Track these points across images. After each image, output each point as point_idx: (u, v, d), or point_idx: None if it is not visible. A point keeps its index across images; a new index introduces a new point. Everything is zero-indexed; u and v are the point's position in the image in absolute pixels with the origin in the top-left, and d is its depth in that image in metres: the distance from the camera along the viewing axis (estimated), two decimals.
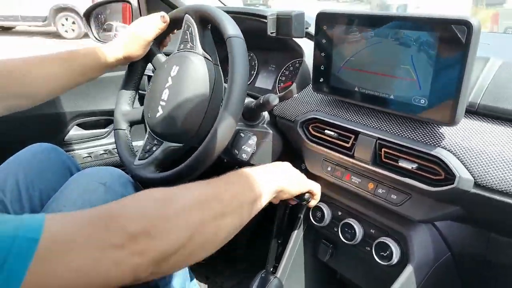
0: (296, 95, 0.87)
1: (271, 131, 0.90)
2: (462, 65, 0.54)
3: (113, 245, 0.40)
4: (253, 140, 0.84)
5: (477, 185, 0.57)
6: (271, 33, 0.83)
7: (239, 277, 1.34)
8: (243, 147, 0.84)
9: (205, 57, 0.81)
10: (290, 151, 0.92)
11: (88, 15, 1.55)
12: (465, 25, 0.53)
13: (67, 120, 1.25)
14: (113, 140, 1.38)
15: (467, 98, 0.59)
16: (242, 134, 0.86)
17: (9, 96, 0.74)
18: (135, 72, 0.97)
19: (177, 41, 0.87)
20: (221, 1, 1.24)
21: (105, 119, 1.35)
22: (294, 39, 0.90)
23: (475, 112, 0.61)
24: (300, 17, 0.78)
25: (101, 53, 0.85)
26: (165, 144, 0.83)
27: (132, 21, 1.46)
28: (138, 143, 1.21)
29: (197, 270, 1.22)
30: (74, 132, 1.28)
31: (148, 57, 0.94)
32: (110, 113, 1.34)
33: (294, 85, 0.87)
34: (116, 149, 1.30)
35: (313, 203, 0.78)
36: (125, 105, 0.96)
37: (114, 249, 0.40)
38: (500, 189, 0.55)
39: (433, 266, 0.71)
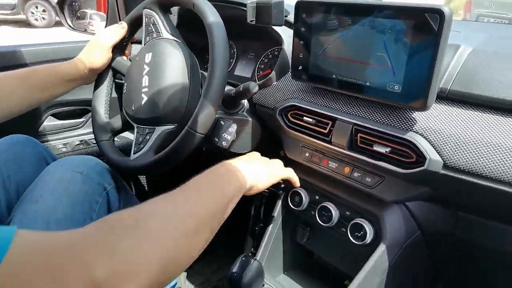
0: (275, 82, 0.89)
1: (250, 119, 0.91)
2: (434, 52, 0.57)
3: None
4: (233, 128, 0.85)
5: (446, 166, 0.61)
6: (251, 21, 0.84)
7: (219, 262, 1.35)
8: (223, 135, 0.85)
9: (174, 40, 0.84)
10: (269, 138, 0.94)
11: (61, 3, 1.52)
12: (438, 13, 0.56)
13: (41, 111, 1.22)
14: (88, 130, 1.37)
15: (438, 84, 0.62)
16: (222, 122, 0.87)
17: None
18: (103, 81, 0.97)
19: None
20: None
21: (80, 109, 1.33)
22: (273, 27, 0.92)
23: (445, 97, 0.65)
24: (280, 5, 0.79)
25: (63, 68, 0.87)
26: (158, 129, 0.83)
27: (108, 8, 1.43)
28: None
29: None
30: (49, 122, 1.25)
31: (113, 64, 0.97)
32: (86, 102, 1.32)
33: (273, 73, 0.89)
34: (92, 140, 1.29)
35: (295, 184, 0.81)
36: (101, 117, 0.96)
37: None
38: (467, 170, 0.59)
39: (404, 244, 0.75)
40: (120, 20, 1.42)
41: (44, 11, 7.81)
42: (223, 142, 0.86)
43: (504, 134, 0.57)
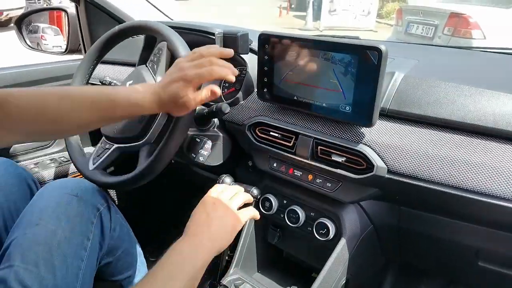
0: (242, 102, 0.99)
1: (221, 134, 1.01)
2: (375, 80, 0.71)
3: None
4: (208, 144, 0.95)
5: (389, 171, 0.75)
6: None
7: None
8: (200, 151, 0.95)
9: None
10: (238, 150, 1.04)
11: (19, 22, 1.52)
12: (376, 51, 0.69)
13: None
14: (57, 148, 1.39)
15: (380, 104, 0.76)
16: (197, 140, 0.96)
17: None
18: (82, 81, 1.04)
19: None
20: (167, 16, 1.31)
21: None
22: None
23: (386, 115, 0.79)
24: (245, 37, 0.90)
25: (142, 108, 0.72)
26: (116, 147, 0.92)
27: (69, 29, 1.46)
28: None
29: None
30: (19, 144, 1.27)
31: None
32: None
33: (240, 93, 0.99)
34: (62, 158, 1.33)
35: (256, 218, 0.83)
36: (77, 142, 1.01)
37: None
38: (406, 174, 0.73)
39: (360, 237, 0.88)
40: (82, 37, 1.45)
41: None
42: (200, 158, 0.95)
43: (432, 145, 0.72)
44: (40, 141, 0.69)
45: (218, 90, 0.73)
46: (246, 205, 0.83)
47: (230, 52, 0.75)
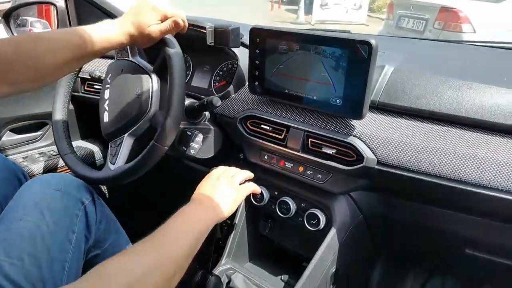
0: (233, 95, 1.00)
1: (212, 127, 1.02)
2: (366, 74, 0.72)
3: None
4: (199, 138, 0.95)
5: (379, 163, 0.77)
6: (210, 43, 0.94)
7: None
8: (191, 144, 0.95)
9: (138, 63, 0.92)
10: (230, 143, 1.05)
11: (7, 16, 1.49)
12: (367, 45, 0.70)
13: (0, 126, 1.23)
14: (46, 142, 1.38)
15: (370, 97, 0.78)
16: (189, 133, 0.96)
17: (20, 80, 0.67)
18: (61, 97, 1.03)
19: None
20: None
21: (37, 122, 1.34)
22: None
23: (376, 107, 0.81)
24: (236, 31, 0.91)
25: (107, 36, 0.75)
26: (127, 136, 0.90)
27: (58, 23, 1.44)
28: None
29: None
30: (8, 137, 1.26)
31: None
32: (42, 116, 1.34)
33: (232, 86, 1.00)
34: (52, 152, 1.32)
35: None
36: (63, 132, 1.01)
37: None
38: (395, 165, 0.75)
39: (350, 226, 0.90)
40: None
41: None
42: (191, 151, 0.96)
43: (421, 136, 0.74)
44: (19, 91, 0.71)
45: (181, 23, 0.80)
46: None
47: None
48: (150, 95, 0.88)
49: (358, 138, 0.79)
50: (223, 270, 0.98)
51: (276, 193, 0.99)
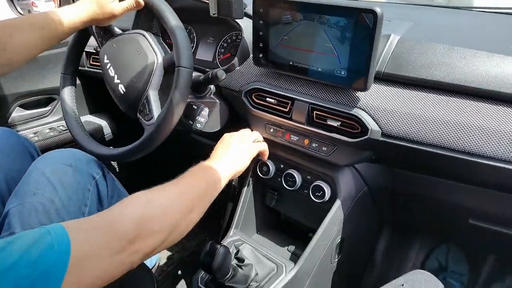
0: (238, 68, 0.99)
1: (218, 101, 1.02)
2: (371, 44, 0.70)
3: (118, 251, 0.52)
4: (205, 111, 0.96)
5: (383, 134, 0.77)
6: (213, 14, 0.92)
7: (190, 248, 1.48)
8: (197, 118, 0.96)
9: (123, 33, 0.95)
10: (236, 117, 1.05)
11: None
12: (372, 13, 0.69)
13: (9, 102, 1.24)
14: (55, 117, 1.40)
15: (375, 68, 0.76)
16: (194, 107, 0.97)
17: None
18: (76, 54, 1.03)
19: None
20: None
21: (46, 98, 1.36)
22: None
23: (381, 78, 0.79)
24: (239, 1, 0.88)
25: (69, 16, 0.83)
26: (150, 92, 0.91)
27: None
28: None
29: None
30: (17, 113, 1.28)
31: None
32: (50, 91, 1.35)
33: (236, 59, 0.99)
34: (61, 127, 1.34)
35: (264, 157, 0.95)
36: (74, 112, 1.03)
37: (119, 253, 0.52)
38: (399, 136, 0.75)
39: (355, 198, 0.91)
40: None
41: None
42: (197, 125, 0.96)
43: (425, 107, 0.73)
44: None
45: (141, 2, 0.87)
46: None
47: None
48: (151, 46, 0.91)
49: (362, 110, 0.78)
50: (232, 241, 1.01)
51: (282, 166, 1.00)
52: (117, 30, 0.97)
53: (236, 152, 0.83)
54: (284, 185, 0.97)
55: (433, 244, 1.19)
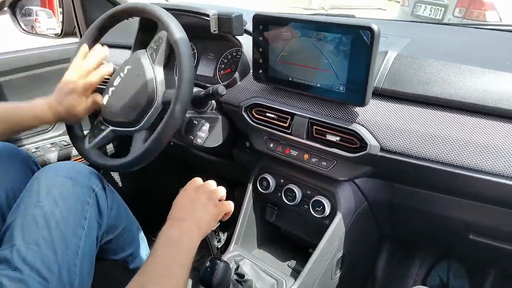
0: (238, 83, 1.00)
1: (219, 116, 1.02)
2: (368, 60, 0.71)
3: None
4: (206, 126, 0.96)
5: (382, 149, 0.77)
6: (214, 30, 0.94)
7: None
8: (198, 133, 0.96)
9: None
10: (236, 132, 1.06)
11: (13, 7, 1.51)
12: (369, 30, 0.70)
13: None
14: (57, 133, 1.41)
15: (373, 84, 0.77)
16: (195, 122, 0.97)
17: None
18: None
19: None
20: None
21: None
22: None
23: (379, 94, 0.80)
24: (239, 18, 0.90)
25: (40, 118, 0.89)
26: (111, 129, 0.93)
27: (63, 12, 1.45)
28: None
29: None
30: None
31: None
32: None
33: (237, 74, 1.00)
34: (63, 142, 1.35)
35: (225, 218, 0.83)
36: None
37: None
38: (398, 151, 0.75)
39: (355, 213, 0.91)
40: (77, 20, 1.44)
41: None
42: (198, 140, 0.97)
43: (423, 123, 0.74)
44: None
45: (99, 99, 0.93)
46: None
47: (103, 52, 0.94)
48: (154, 79, 0.89)
49: (361, 125, 0.79)
50: (232, 257, 1.00)
51: (282, 180, 1.00)
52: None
53: (203, 213, 0.76)
54: (284, 200, 0.97)
55: (434, 260, 1.18)
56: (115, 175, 1.52)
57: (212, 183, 0.83)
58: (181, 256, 0.67)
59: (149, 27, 0.97)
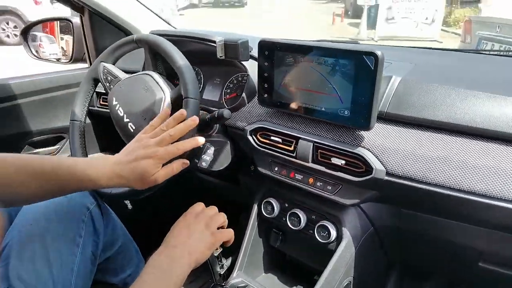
0: (243, 108, 1.01)
1: (223, 140, 1.03)
2: (373, 85, 0.72)
3: None
4: (211, 150, 0.97)
5: (388, 173, 0.76)
6: (220, 56, 0.96)
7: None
8: (202, 157, 0.97)
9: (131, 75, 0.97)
10: (241, 155, 1.06)
11: (25, 33, 1.56)
12: (373, 56, 0.71)
13: (19, 141, 1.27)
14: (64, 156, 1.42)
15: (377, 108, 0.78)
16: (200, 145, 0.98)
17: None
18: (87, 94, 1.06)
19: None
20: (170, 25, 1.34)
21: (54, 137, 1.39)
22: None
23: (384, 118, 0.81)
24: (245, 44, 0.92)
25: (95, 182, 0.71)
26: None
27: (74, 39, 1.49)
28: None
29: None
30: (26, 151, 1.30)
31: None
32: (60, 129, 1.38)
33: (242, 98, 1.01)
34: None
35: (227, 244, 0.80)
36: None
37: None
38: (404, 176, 0.75)
39: (361, 239, 0.90)
40: (87, 47, 1.48)
41: (15, 27, 7.44)
42: (203, 163, 0.97)
43: (429, 147, 0.73)
44: None
45: (187, 162, 0.77)
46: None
47: (193, 120, 0.77)
48: (158, 83, 0.93)
49: (366, 149, 0.78)
50: (235, 284, 0.98)
51: (286, 205, 0.99)
52: (124, 75, 1.01)
53: (198, 241, 0.72)
54: (289, 224, 0.96)
55: (443, 287, 1.15)
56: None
57: (212, 209, 0.81)
58: (167, 283, 0.65)
59: (154, 53, 1.00)
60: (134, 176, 0.71)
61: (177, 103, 0.90)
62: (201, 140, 0.77)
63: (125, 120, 0.95)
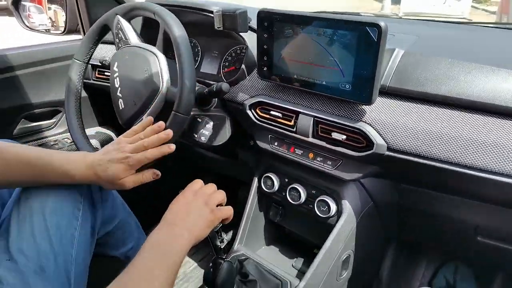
0: (242, 81, 0.99)
1: (222, 114, 1.01)
2: (375, 58, 0.70)
3: None
4: (209, 124, 0.95)
5: (389, 149, 0.75)
6: (218, 27, 0.93)
7: (193, 262, 1.47)
8: (201, 131, 0.95)
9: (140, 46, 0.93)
10: (240, 130, 1.04)
11: (16, 3, 1.51)
12: (376, 27, 0.68)
13: (15, 114, 1.25)
14: (60, 130, 1.41)
15: (379, 82, 0.76)
16: (199, 120, 0.96)
17: None
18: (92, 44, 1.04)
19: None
20: None
21: (51, 110, 1.37)
22: None
23: (386, 92, 0.79)
24: (244, 14, 0.89)
25: (74, 170, 0.77)
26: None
27: (67, 10, 1.44)
28: None
29: None
30: (22, 125, 1.28)
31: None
32: (55, 103, 1.36)
33: (241, 72, 0.99)
34: (66, 140, 1.34)
35: (226, 222, 0.80)
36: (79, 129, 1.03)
37: None
38: (405, 151, 0.74)
39: (361, 214, 0.90)
40: (80, 18, 1.44)
41: None
42: (201, 137, 0.96)
43: (431, 121, 0.72)
44: None
45: (159, 173, 0.82)
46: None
47: (166, 134, 0.80)
48: (160, 72, 0.89)
49: (368, 124, 0.77)
50: (235, 256, 0.99)
51: (286, 180, 0.99)
52: (135, 39, 0.97)
53: (197, 217, 0.73)
54: (289, 199, 0.96)
55: (440, 262, 1.16)
56: None
57: (211, 187, 0.80)
58: (166, 260, 0.65)
59: (155, 23, 0.96)
60: (106, 176, 0.76)
61: (169, 104, 0.88)
62: (172, 147, 0.80)
63: (118, 94, 0.93)
